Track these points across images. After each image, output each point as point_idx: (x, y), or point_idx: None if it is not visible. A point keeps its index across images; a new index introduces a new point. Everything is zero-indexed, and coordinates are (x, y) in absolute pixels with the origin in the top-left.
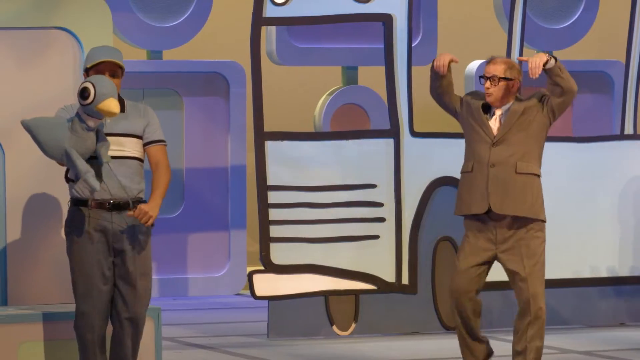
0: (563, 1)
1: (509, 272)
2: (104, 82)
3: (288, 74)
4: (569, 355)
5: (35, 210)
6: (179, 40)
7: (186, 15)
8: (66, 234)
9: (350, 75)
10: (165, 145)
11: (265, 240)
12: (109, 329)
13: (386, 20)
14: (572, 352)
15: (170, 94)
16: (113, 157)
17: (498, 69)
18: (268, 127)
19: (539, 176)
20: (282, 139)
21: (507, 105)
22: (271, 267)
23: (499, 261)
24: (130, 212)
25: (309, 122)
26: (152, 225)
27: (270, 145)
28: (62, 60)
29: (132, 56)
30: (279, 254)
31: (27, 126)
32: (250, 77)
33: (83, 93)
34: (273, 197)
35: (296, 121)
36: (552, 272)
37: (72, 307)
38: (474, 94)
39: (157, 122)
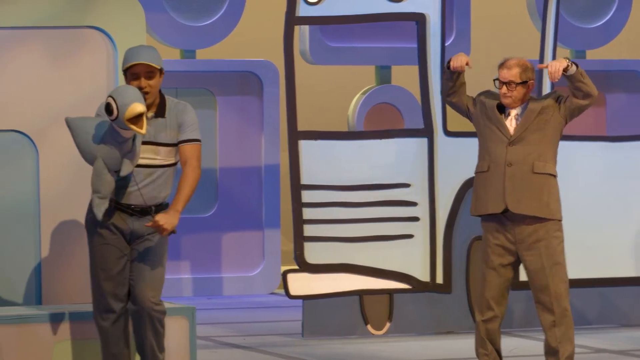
0: (596, 1)
1: (529, 272)
2: (125, 92)
3: (321, 73)
4: (603, 355)
5: (68, 209)
6: (212, 39)
7: (219, 15)
8: (86, 227)
9: (383, 75)
10: (199, 143)
11: (300, 240)
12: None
13: (419, 20)
14: (606, 351)
15: (204, 94)
16: (147, 166)
17: (513, 74)
18: (302, 126)
19: (555, 176)
20: (316, 139)
21: (523, 105)
22: (305, 267)
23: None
24: (148, 224)
25: (343, 121)
26: (174, 231)
27: (304, 145)
28: (95, 60)
29: (166, 55)
30: (313, 253)
31: (69, 125)
32: (284, 77)
33: (108, 108)
34: (307, 196)
35: (330, 120)
36: (585, 271)
37: None
38: (487, 94)
39: (192, 121)
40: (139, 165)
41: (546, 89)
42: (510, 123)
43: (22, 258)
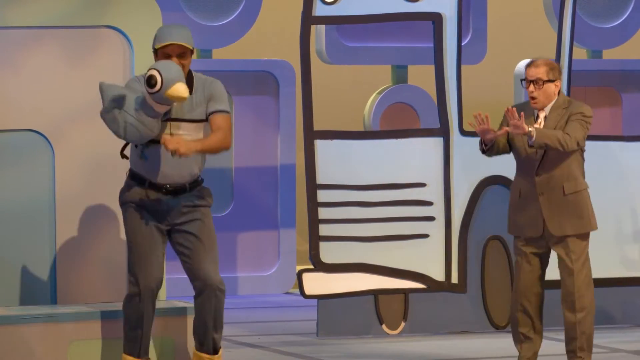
0: (613, 0)
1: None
2: (170, 67)
3: (337, 72)
4: (618, 355)
5: (84, 208)
6: (228, 39)
7: (236, 14)
8: (121, 204)
9: (399, 74)
10: (229, 115)
11: (315, 239)
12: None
13: (436, 19)
14: (621, 351)
15: None
16: None
17: (540, 72)
18: (317, 126)
19: (586, 188)
20: (332, 138)
21: (551, 104)
22: (320, 266)
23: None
24: (164, 141)
25: (359, 121)
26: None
27: (319, 144)
28: (111, 59)
29: None
30: (329, 252)
31: (101, 89)
32: (300, 76)
33: (150, 81)
34: (322, 195)
35: (346, 120)
36: (602, 271)
37: (120, 306)
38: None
39: (221, 93)
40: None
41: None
42: (540, 126)
43: (37, 257)
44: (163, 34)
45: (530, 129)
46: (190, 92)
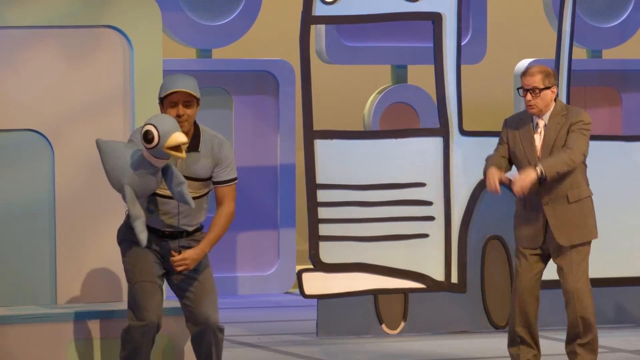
0: (612, 0)
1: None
2: (164, 120)
3: (337, 72)
4: (618, 355)
5: (84, 208)
6: (228, 38)
7: (235, 14)
8: (119, 242)
9: (399, 74)
10: (236, 182)
11: (315, 239)
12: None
13: (435, 19)
14: (621, 350)
15: (220, 93)
16: None
17: (536, 80)
18: (317, 125)
19: (590, 196)
20: (332, 138)
21: (549, 111)
22: (320, 266)
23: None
24: (173, 257)
25: (359, 120)
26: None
27: (319, 144)
28: (111, 59)
29: (182, 55)
30: (328, 252)
31: (99, 147)
32: (300, 76)
33: (147, 136)
34: (322, 195)
35: (345, 120)
36: (601, 271)
37: (119, 306)
38: (510, 122)
39: (229, 159)
40: (171, 198)
41: (562, 93)
42: (540, 138)
43: (37, 257)
44: (169, 82)
45: (537, 170)
46: (197, 147)
